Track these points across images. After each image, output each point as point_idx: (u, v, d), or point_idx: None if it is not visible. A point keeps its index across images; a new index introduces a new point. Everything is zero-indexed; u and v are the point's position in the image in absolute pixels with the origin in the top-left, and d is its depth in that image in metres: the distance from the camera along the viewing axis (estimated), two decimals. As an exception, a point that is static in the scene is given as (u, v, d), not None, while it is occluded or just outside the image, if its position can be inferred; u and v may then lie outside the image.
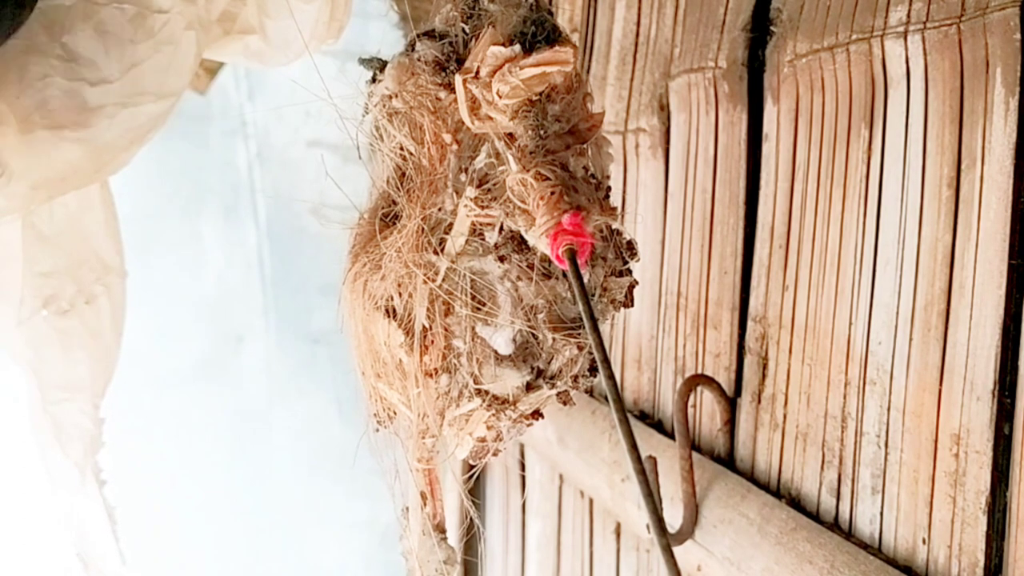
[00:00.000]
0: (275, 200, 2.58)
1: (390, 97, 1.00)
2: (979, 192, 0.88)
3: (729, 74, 1.25)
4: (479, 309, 0.94)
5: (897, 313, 0.98)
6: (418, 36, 1.00)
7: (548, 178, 0.89)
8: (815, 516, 1.09)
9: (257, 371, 2.63)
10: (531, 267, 0.94)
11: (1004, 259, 0.86)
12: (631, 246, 1.00)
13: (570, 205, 0.88)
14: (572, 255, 0.88)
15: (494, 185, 0.94)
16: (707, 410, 1.31)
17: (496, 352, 0.95)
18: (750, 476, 1.21)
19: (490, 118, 0.93)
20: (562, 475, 1.76)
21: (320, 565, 2.68)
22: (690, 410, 1.32)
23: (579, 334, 0.95)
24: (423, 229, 0.96)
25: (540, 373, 0.96)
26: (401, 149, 1.00)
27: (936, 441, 0.93)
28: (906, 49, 0.96)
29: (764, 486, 1.18)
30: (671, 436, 1.32)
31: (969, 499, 0.89)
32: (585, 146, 0.96)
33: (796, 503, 1.13)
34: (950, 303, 0.92)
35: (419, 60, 0.98)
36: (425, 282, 0.94)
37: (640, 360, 1.50)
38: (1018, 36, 0.84)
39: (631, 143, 1.49)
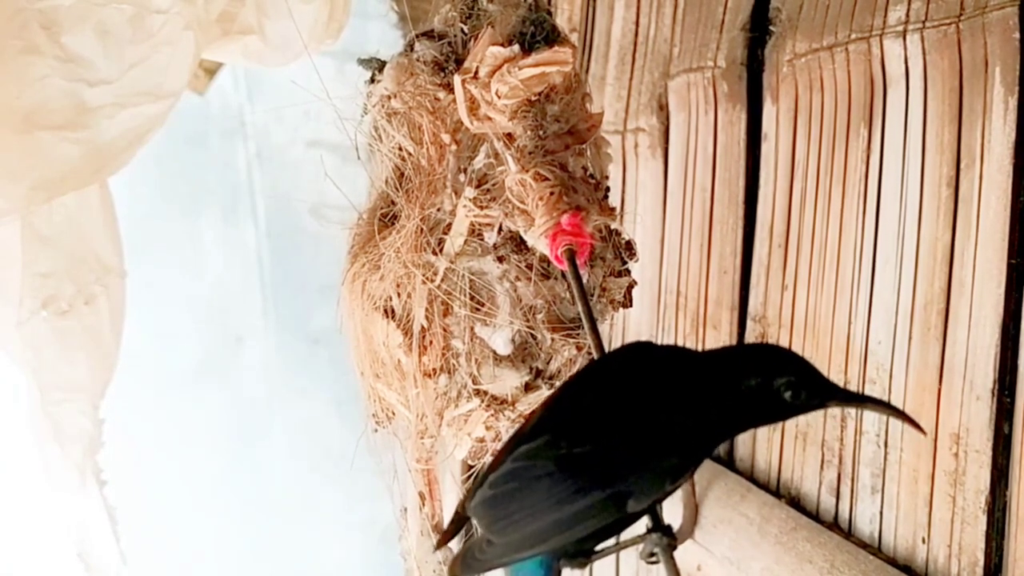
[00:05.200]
0: (274, 200, 2.58)
1: (389, 97, 1.00)
2: (978, 191, 0.88)
3: (728, 74, 1.24)
4: (478, 309, 0.94)
5: (896, 312, 0.98)
6: (417, 36, 1.00)
7: (547, 178, 0.89)
8: (815, 516, 1.09)
9: (257, 371, 2.63)
10: (530, 267, 0.94)
11: (1003, 258, 0.86)
12: (630, 246, 1.00)
13: (569, 205, 0.88)
14: (571, 255, 0.88)
15: (493, 185, 0.94)
16: (707, 410, 1.31)
17: (495, 352, 0.95)
18: (750, 476, 1.21)
19: (489, 118, 0.93)
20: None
21: (320, 565, 2.68)
22: (690, 410, 1.32)
23: (578, 334, 0.95)
24: (422, 229, 0.96)
25: (539, 373, 0.96)
26: (400, 149, 1.00)
27: (936, 440, 0.93)
28: (905, 48, 0.96)
29: (764, 486, 1.18)
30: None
31: (969, 498, 0.89)
32: (584, 146, 0.96)
33: (796, 503, 1.13)
34: (950, 302, 0.92)
35: (418, 60, 0.98)
36: (424, 282, 0.94)
37: (640, 360, 1.50)
38: (1017, 35, 0.84)
39: (630, 143, 1.49)
